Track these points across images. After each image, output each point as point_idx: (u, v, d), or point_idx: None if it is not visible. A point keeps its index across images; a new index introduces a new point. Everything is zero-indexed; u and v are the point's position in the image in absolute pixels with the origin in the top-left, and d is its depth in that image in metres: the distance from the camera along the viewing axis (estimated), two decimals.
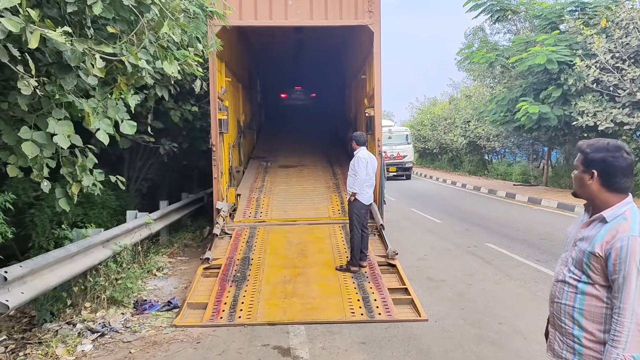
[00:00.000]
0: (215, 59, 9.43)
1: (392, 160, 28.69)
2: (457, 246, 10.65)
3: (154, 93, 8.52)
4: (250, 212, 10.03)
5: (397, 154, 29.08)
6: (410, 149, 30.19)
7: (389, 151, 26.84)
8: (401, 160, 29.35)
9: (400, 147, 29.19)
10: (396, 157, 29.09)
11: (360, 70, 12.06)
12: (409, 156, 30.01)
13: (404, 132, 31.11)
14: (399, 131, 31.06)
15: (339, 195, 10.91)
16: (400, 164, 29.39)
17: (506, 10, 20.53)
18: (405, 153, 29.55)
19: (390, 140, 28.22)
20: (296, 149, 15.58)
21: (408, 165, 30.00)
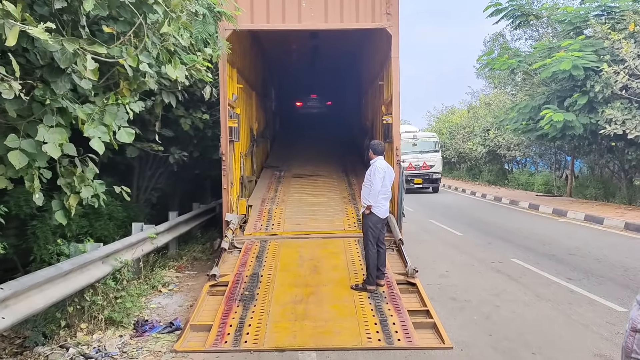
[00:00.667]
0: (226, 64, 9.01)
1: (417, 171, 25.92)
2: (481, 261, 10.04)
3: (160, 100, 8.12)
4: (261, 225, 9.55)
5: (422, 163, 26.09)
6: (439, 158, 26.96)
7: (413, 160, 25.26)
8: (428, 170, 26.34)
9: (426, 156, 26.28)
10: (422, 167, 26.17)
11: (378, 76, 11.57)
12: (437, 166, 26.78)
13: (431, 139, 27.74)
14: (426, 137, 27.86)
15: (354, 206, 10.38)
16: (427, 175, 26.37)
17: (528, 16, 19.89)
18: (432, 162, 26.43)
19: (415, 147, 26.05)
20: (311, 158, 15.12)
21: (436, 176, 26.81)
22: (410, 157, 25.09)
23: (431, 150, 26.68)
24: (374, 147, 7.10)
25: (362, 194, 7.08)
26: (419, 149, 26.14)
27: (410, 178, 24.25)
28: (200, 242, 12.06)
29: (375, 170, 6.84)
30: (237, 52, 10.91)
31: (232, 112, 9.35)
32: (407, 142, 24.86)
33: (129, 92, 6.57)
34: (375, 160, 7.03)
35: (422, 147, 26.43)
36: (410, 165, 25.14)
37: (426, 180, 26.31)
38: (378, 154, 7.09)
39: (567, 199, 21.93)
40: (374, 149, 7.08)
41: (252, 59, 13.44)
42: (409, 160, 24.80)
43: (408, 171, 23.75)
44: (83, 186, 6.24)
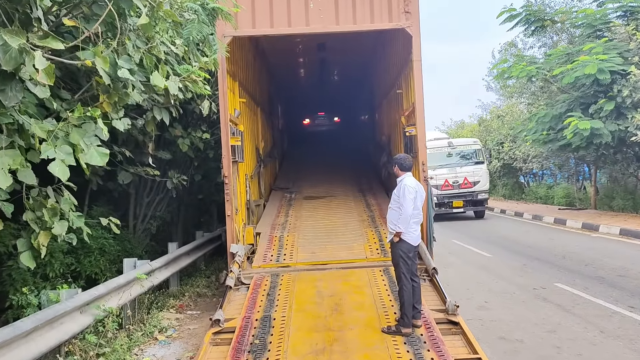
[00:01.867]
0: (226, 76, 8.01)
1: (456, 190, 19.94)
2: (521, 288, 8.86)
3: (152, 117, 7.10)
4: (271, 255, 8.43)
5: (463, 180, 19.91)
6: (484, 172, 20.54)
7: (450, 176, 19.89)
8: (470, 189, 19.93)
9: (467, 170, 20.15)
10: (462, 185, 19.94)
11: (394, 85, 10.54)
12: (483, 182, 20.23)
13: (472, 146, 21.26)
14: (465, 145, 21.36)
15: (375, 230, 9.25)
16: (470, 195, 19.98)
17: (545, 20, 18.89)
18: (476, 177, 20.04)
19: (451, 158, 20.51)
20: (323, 177, 14.04)
21: (481, 196, 20.16)
22: (446, 172, 19.97)
23: (473, 161, 20.64)
24: (400, 161, 5.98)
25: (389, 219, 5.95)
26: (457, 161, 20.51)
27: (447, 200, 19.86)
28: (205, 274, 10.95)
29: (405, 190, 5.71)
30: (239, 63, 9.94)
31: (234, 129, 8.32)
32: (439, 152, 20.34)
33: (110, 107, 5.55)
34: (403, 177, 5.91)
35: (461, 157, 20.69)
36: (447, 183, 19.84)
37: (469, 202, 20.23)
38: (405, 170, 5.97)
39: (593, 211, 20.67)
40: (401, 164, 5.96)
41: (255, 73, 12.48)
42: (444, 176, 19.84)
43: (444, 191, 19.75)
44: (56, 221, 5.20)
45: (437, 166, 19.27)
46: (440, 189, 19.51)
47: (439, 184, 19.40)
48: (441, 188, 19.59)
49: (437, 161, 19.58)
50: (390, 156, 11.87)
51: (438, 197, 18.95)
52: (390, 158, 11.86)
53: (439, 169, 19.62)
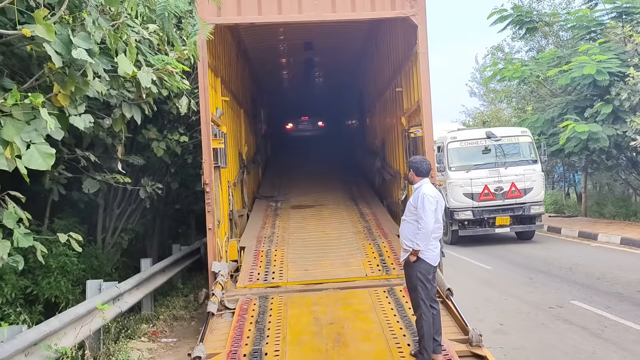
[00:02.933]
0: (208, 70, 7.03)
1: (499, 201, 14.07)
2: (535, 307, 8.00)
3: (120, 114, 6.06)
4: (258, 273, 7.43)
5: (509, 186, 14.09)
6: (538, 176, 14.49)
7: (489, 180, 13.96)
8: (519, 199, 14.11)
9: (515, 173, 14.16)
10: (509, 194, 14.08)
11: (391, 84, 9.66)
12: (537, 190, 14.36)
13: (519, 139, 15.07)
14: (510, 136, 15.03)
15: (374, 243, 8.32)
16: (519, 208, 14.13)
17: (538, 22, 18.30)
18: (527, 183, 14.19)
19: (489, 155, 14.48)
20: (310, 185, 13.09)
21: (535, 209, 14.31)
22: (485, 175, 14.13)
23: (523, 159, 14.68)
24: (416, 165, 5.05)
25: (404, 234, 5.02)
26: (499, 159, 14.46)
27: (487, 216, 14.01)
28: (182, 293, 9.89)
29: (425, 200, 4.78)
30: (222, 59, 8.98)
31: (216, 130, 7.33)
32: (473, 147, 14.64)
33: (66, 99, 4.53)
34: (420, 185, 4.99)
35: (504, 154, 14.64)
36: (487, 190, 14.01)
37: (517, 219, 14.36)
38: (423, 176, 5.05)
39: (585, 219, 20.05)
40: (417, 169, 5.03)
41: (239, 72, 11.52)
42: (482, 181, 14.00)
43: (483, 202, 13.91)
44: None
45: (472, 166, 14.25)
46: (477, 199, 13.92)
47: (475, 192, 13.93)
48: (478, 198, 13.91)
49: (470, 159, 14.41)
50: (384, 161, 11.00)
51: (475, 212, 13.95)
52: (384, 163, 10.98)
53: (474, 171, 14.11)
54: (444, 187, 13.57)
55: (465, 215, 14.16)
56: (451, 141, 14.62)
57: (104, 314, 5.27)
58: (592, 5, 17.91)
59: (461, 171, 14.24)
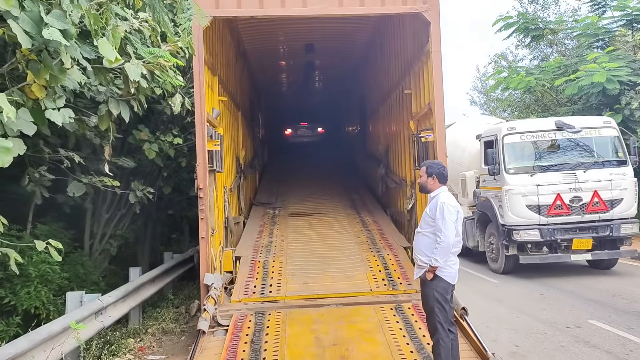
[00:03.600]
0: (204, 67, 6.53)
1: (577, 216, 10.43)
2: (550, 326, 7.47)
3: (106, 111, 5.54)
4: (254, 286, 6.89)
5: (591, 195, 10.42)
6: (630, 182, 10.67)
7: (565, 189, 10.36)
8: (605, 214, 10.46)
9: (599, 178, 10.49)
10: (590, 207, 10.43)
11: (397, 86, 9.18)
12: (628, 202, 10.62)
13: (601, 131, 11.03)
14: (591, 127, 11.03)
15: (378, 255, 7.80)
16: (605, 227, 10.43)
17: (543, 30, 17.90)
18: (615, 193, 10.50)
19: (559, 154, 10.87)
20: (309, 191, 12.58)
21: (626, 229, 10.48)
22: (556, 179, 10.46)
23: (608, 159, 10.92)
24: (441, 171, 4.52)
25: (420, 248, 4.50)
26: (575, 159, 10.78)
27: (560, 237, 10.37)
28: (173, 304, 9.32)
29: (445, 211, 4.26)
30: (219, 57, 8.49)
31: (212, 132, 6.81)
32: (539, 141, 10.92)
33: (41, 90, 4.01)
34: (438, 193, 4.47)
35: (582, 152, 10.90)
36: (560, 202, 10.39)
37: (600, 242, 10.69)
38: (444, 182, 4.53)
39: None
40: (442, 175, 4.51)
41: (237, 73, 11.03)
42: (553, 189, 10.40)
43: (555, 217, 10.31)
44: None
45: (537, 168, 10.57)
46: (545, 213, 10.25)
47: (543, 203, 10.27)
48: (548, 212, 10.25)
49: (535, 158, 10.76)
50: (388, 168, 10.50)
51: (543, 231, 10.20)
52: (388, 170, 10.48)
53: (542, 174, 10.37)
54: (496, 197, 10.94)
55: (529, 236, 10.28)
56: (508, 133, 10.71)
57: (78, 334, 4.71)
58: (600, 12, 17.55)
59: (523, 175, 10.45)
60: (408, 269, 7.22)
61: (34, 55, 3.80)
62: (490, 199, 11.26)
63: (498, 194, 10.81)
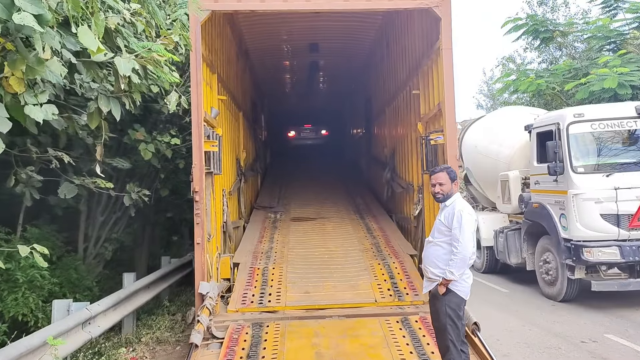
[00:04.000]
0: (202, 63, 6.19)
1: None
2: (565, 340, 7.09)
3: (96, 108, 5.19)
4: (253, 295, 6.53)
5: None
6: None
7: None
8: None
9: None
10: None
11: (405, 87, 8.83)
12: None
13: None
14: None
15: (383, 263, 7.42)
16: None
17: (554, 32, 17.50)
18: None
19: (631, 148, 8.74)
20: (312, 195, 12.22)
21: None
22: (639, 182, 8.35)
23: None
24: (454, 173, 4.17)
25: (431, 259, 4.13)
26: None
27: None
28: (169, 311, 8.96)
29: (464, 219, 3.91)
30: (219, 54, 8.16)
31: (210, 132, 6.47)
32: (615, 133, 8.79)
33: (20, 84, 3.69)
34: (455, 199, 4.11)
35: None
36: None
37: None
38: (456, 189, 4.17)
39: None
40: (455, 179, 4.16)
41: (239, 73, 10.70)
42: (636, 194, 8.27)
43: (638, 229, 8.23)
44: None
45: (615, 166, 8.55)
46: (626, 225, 8.24)
47: (623, 212, 8.23)
48: (630, 224, 8.23)
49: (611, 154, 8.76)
50: (394, 172, 10.13)
51: (624, 250, 8.12)
52: (394, 175, 10.11)
53: (621, 175, 8.37)
54: (556, 203, 8.71)
55: (604, 255, 8.14)
56: (575, 121, 8.61)
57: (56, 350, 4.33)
58: (612, 15, 17.15)
59: (596, 175, 8.38)
60: (415, 279, 6.86)
61: (10, 44, 3.47)
62: (546, 205, 9.07)
63: (560, 199, 8.65)
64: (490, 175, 11.52)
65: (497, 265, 12.02)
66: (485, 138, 12.11)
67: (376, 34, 11.03)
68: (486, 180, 12.13)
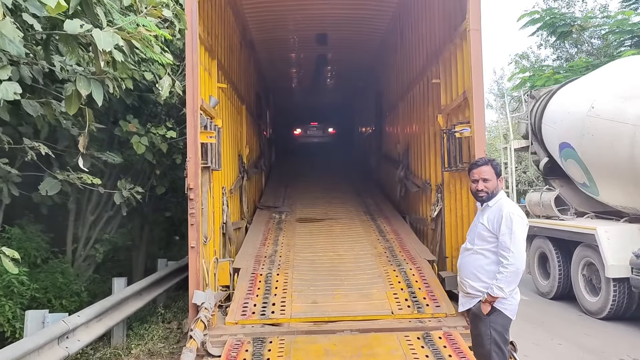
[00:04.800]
0: (198, 44, 5.50)
1: None
2: (598, 357, 6.37)
3: (73, 90, 4.50)
4: (254, 305, 5.82)
5: None
6: None
7: None
8: None
9: None
10: None
11: (423, 76, 8.11)
12: None
13: None
14: None
15: (399, 269, 6.69)
16: None
17: (572, 25, 16.74)
18: None
19: None
20: (319, 195, 11.53)
21: None
22: None
23: None
24: (499, 167, 3.48)
25: (469, 270, 3.44)
26: None
27: None
28: (165, 318, 8.29)
29: (516, 223, 3.22)
30: (220, 40, 7.48)
31: (207, 122, 5.76)
32: None
33: None
34: (499, 198, 3.41)
35: None
36: None
37: None
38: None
39: None
40: (500, 172, 3.46)
41: (242, 63, 10.02)
42: None
43: None
44: None
45: None
46: None
47: None
48: None
49: None
50: (408, 170, 9.41)
51: None
52: (408, 172, 9.39)
53: None
54: None
55: None
56: None
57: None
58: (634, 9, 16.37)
59: None
60: (435, 287, 6.14)
61: None
62: None
63: None
64: (621, 154, 7.31)
65: (630, 307, 7.70)
66: (610, 93, 7.79)
67: (390, 22, 10.33)
68: (608, 164, 7.72)
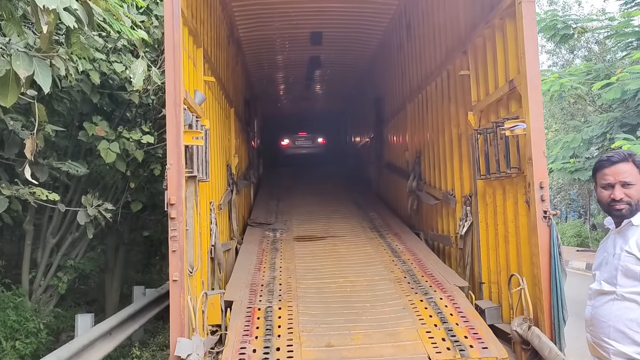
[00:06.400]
0: (180, 23, 4.30)
1: None
2: None
3: (8, 70, 3.27)
4: (253, 350, 4.57)
5: None
6: None
7: None
8: None
9: None
10: None
11: (441, 71, 7.00)
12: None
13: None
14: None
15: (426, 298, 5.51)
16: None
17: (575, 28, 15.96)
18: None
19: None
20: (316, 209, 10.36)
21: None
22: None
23: None
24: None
25: (618, 327, 2.32)
26: None
27: None
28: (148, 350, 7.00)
29: None
30: (206, 26, 6.32)
31: (192, 119, 4.55)
32: None
33: None
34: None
35: None
36: None
37: None
38: None
39: None
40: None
41: (230, 62, 8.88)
42: None
43: None
44: None
45: None
46: None
47: None
48: None
49: None
50: (421, 180, 8.29)
51: None
52: (421, 183, 8.28)
53: None
54: None
55: None
56: None
57: None
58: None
59: None
60: (475, 321, 4.98)
61: None
62: None
63: None
64: None
65: None
66: None
67: (393, 16, 9.31)
68: None
